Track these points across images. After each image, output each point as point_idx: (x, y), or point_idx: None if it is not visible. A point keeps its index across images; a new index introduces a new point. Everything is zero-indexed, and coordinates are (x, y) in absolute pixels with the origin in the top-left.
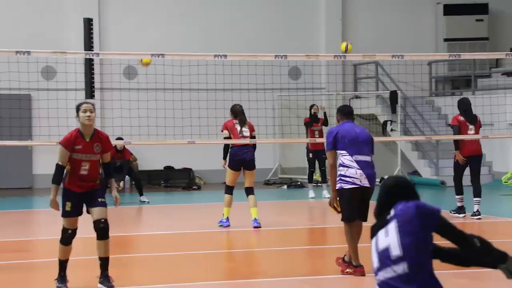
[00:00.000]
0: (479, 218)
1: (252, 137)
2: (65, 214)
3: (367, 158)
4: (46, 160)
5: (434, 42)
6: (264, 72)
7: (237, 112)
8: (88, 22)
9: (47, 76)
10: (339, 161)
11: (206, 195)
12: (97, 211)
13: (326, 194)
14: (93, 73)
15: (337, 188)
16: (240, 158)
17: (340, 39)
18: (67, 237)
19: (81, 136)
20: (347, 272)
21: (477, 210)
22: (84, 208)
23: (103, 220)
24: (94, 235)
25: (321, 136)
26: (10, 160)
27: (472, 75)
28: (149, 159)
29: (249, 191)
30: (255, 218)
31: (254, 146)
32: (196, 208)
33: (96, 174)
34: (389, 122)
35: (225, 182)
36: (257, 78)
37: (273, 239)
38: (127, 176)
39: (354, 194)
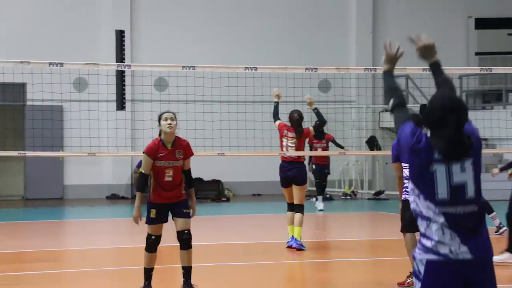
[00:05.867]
0: None
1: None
2: (149, 221)
3: None
4: (77, 171)
5: (465, 56)
6: (295, 84)
7: (293, 121)
8: (120, 34)
9: (79, 88)
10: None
11: (235, 207)
12: (181, 222)
13: (320, 206)
14: (124, 85)
15: (402, 198)
16: (284, 174)
17: (371, 52)
18: (151, 243)
19: (163, 144)
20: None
21: None
22: (170, 217)
23: (186, 232)
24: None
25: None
26: (42, 171)
27: (503, 89)
28: None
29: (296, 208)
30: (293, 236)
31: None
32: (226, 220)
33: (179, 181)
34: None
35: (254, 194)
36: (287, 91)
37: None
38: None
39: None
